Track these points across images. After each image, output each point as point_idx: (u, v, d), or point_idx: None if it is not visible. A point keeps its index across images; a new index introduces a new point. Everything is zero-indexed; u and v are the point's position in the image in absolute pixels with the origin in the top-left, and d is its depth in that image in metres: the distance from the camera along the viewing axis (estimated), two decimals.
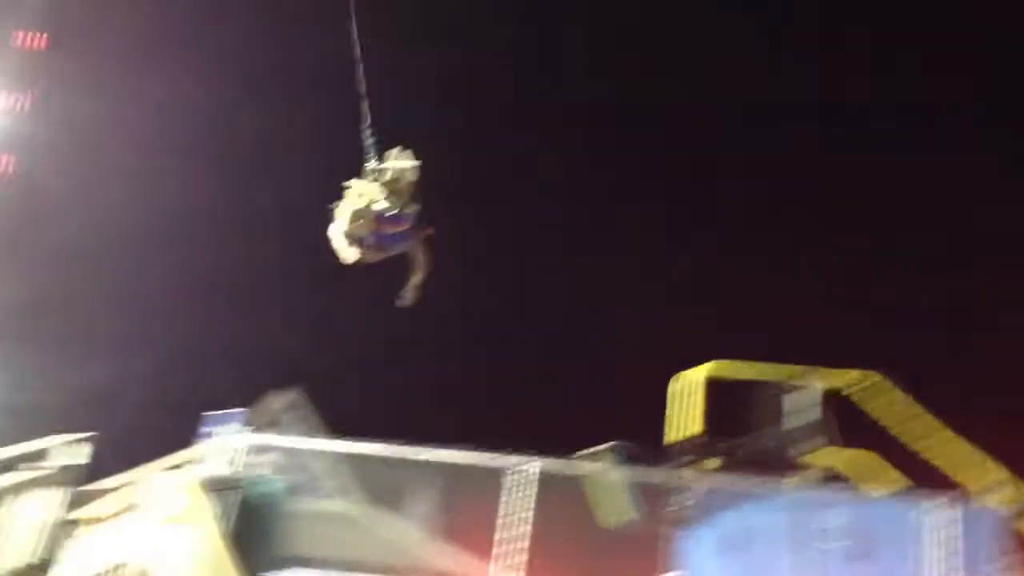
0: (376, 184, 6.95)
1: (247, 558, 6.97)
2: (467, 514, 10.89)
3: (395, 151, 7.18)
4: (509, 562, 9.33)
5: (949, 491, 8.87)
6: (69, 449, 9.66)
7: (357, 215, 6.82)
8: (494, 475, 10.27)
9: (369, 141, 7.27)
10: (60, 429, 9.97)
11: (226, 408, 10.76)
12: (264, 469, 9.82)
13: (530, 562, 9.58)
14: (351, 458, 11.59)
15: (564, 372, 18.47)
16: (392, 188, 7.01)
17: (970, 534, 7.89)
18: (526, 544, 9.54)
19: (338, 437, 11.61)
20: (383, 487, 11.67)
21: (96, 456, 9.95)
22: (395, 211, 6.95)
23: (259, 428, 11.06)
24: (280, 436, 11.12)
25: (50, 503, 9.44)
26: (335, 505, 11.57)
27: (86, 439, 9.78)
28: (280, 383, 12.47)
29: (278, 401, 12.20)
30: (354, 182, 6.96)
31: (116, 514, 7.27)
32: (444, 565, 11.06)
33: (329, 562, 10.39)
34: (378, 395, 17.88)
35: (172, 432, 10.55)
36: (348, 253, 6.86)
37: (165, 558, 6.06)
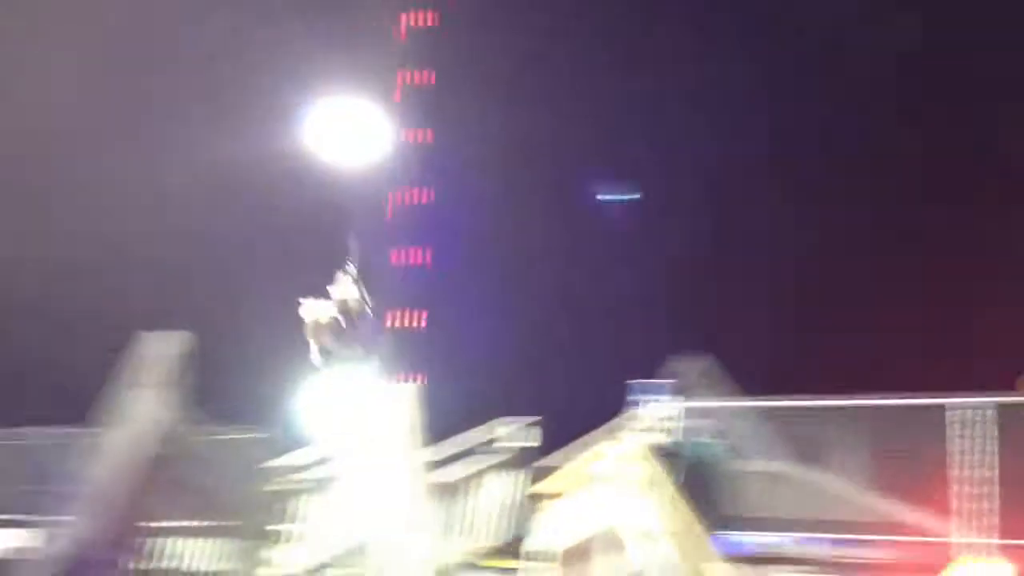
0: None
1: (702, 521, 7.05)
2: (905, 461, 10.46)
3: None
4: (973, 505, 8.84)
5: None
6: (519, 432, 10.31)
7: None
8: (937, 417, 9.77)
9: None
10: (501, 414, 10.66)
11: (646, 378, 11.02)
12: (701, 433, 9.96)
13: (994, 505, 9.02)
14: (778, 415, 11.47)
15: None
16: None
17: None
18: (987, 488, 8.99)
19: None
20: (812, 442, 11.45)
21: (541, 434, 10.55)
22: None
23: (682, 394, 11.23)
24: (708, 400, 11.23)
25: (511, 484, 10.12)
26: (770, 465, 11.49)
27: (534, 422, 10.40)
28: (688, 352, 12.58)
29: (693, 368, 12.32)
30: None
31: (574, 487, 7.61)
32: (892, 515, 10.66)
33: (773, 521, 10.34)
34: (786, 355, 17.62)
35: (600, 405, 10.97)
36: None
37: (632, 523, 6.24)
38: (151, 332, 6.66)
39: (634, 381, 11.25)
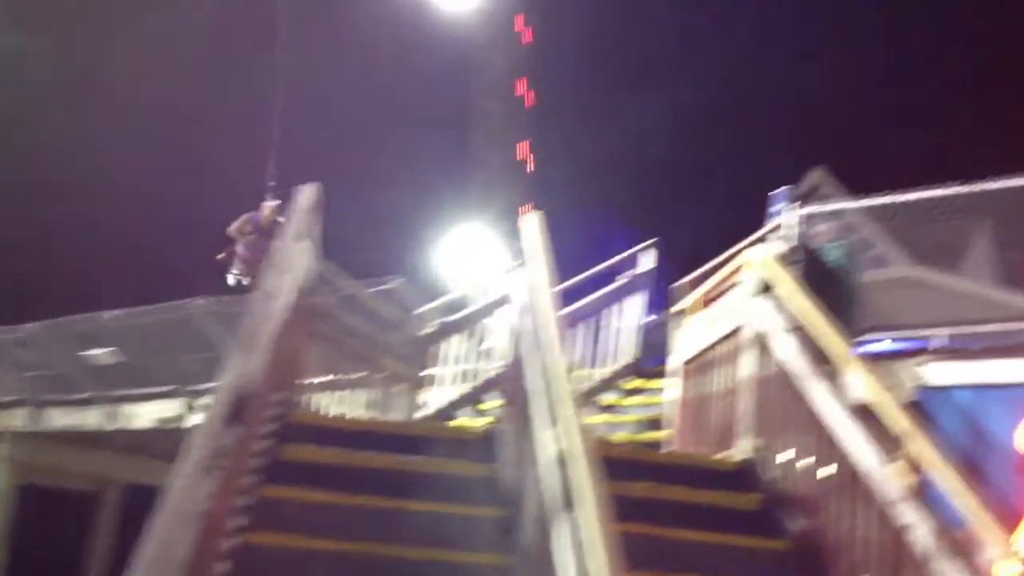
0: None
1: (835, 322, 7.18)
2: None
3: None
4: None
5: None
6: (646, 255, 10.53)
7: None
8: None
9: None
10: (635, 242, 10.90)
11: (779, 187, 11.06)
12: (827, 239, 10.01)
13: None
14: (902, 214, 11.37)
15: None
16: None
17: None
18: None
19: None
20: (937, 239, 11.33)
21: (675, 255, 10.77)
22: None
23: (805, 202, 11.25)
24: (830, 204, 11.22)
25: (640, 305, 10.42)
26: (897, 270, 11.46)
27: (654, 243, 10.60)
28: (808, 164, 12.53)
29: (814, 177, 12.27)
30: None
31: (712, 297, 7.81)
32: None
33: (904, 326, 10.39)
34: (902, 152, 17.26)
35: (736, 223, 11.11)
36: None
37: (767, 323, 6.41)
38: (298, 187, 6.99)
39: (770, 193, 11.32)
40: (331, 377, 8.09)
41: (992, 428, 7.97)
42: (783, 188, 11.06)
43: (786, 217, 10.46)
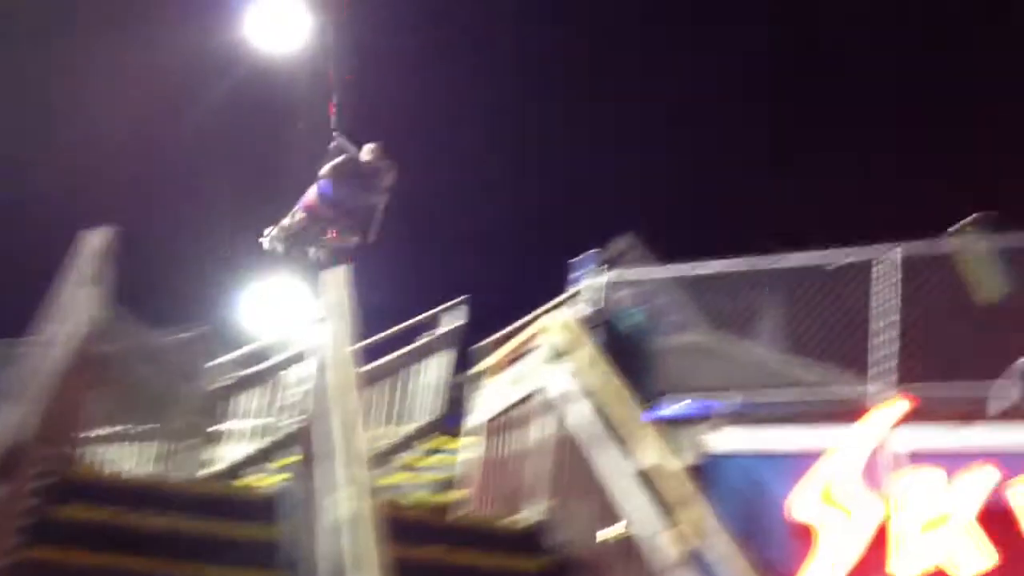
0: None
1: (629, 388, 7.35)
2: (825, 318, 10.84)
3: None
4: (884, 355, 9.26)
5: None
6: (452, 315, 10.57)
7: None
8: (855, 270, 10.10)
9: None
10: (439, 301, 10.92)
11: (581, 254, 11.29)
12: (626, 305, 10.27)
13: (903, 351, 9.41)
14: (699, 283, 11.78)
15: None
16: None
17: None
18: (899, 335, 9.38)
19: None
20: (733, 308, 11.79)
21: (478, 316, 10.83)
22: None
23: (610, 267, 11.53)
24: (633, 269, 11.53)
25: (446, 364, 10.43)
26: (692, 336, 11.85)
27: (461, 302, 10.65)
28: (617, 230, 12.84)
29: (621, 243, 12.61)
30: None
31: (509, 360, 7.89)
32: (816, 376, 11.07)
33: (700, 391, 10.72)
34: (707, 223, 17.95)
35: (540, 286, 11.28)
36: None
37: (561, 389, 6.52)
38: (87, 230, 6.70)
39: (572, 258, 11.53)
40: (116, 429, 7.73)
41: (772, 495, 8.30)
42: (588, 253, 11.32)
43: (589, 282, 10.70)
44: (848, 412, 8.70)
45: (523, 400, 7.05)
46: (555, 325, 7.08)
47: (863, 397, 8.92)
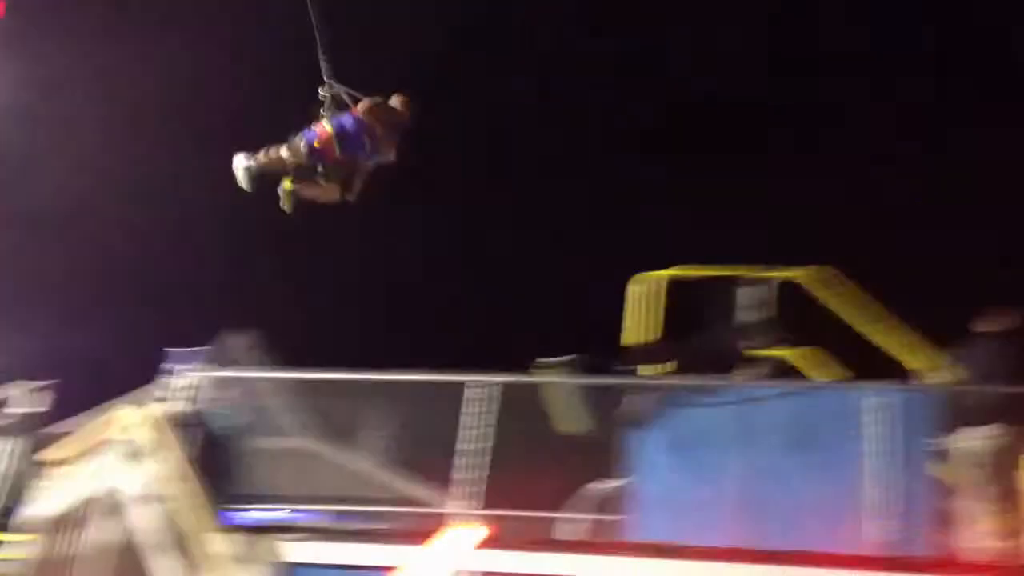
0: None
1: (210, 492, 7.15)
2: (427, 436, 11.10)
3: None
4: (468, 477, 9.55)
5: (890, 379, 9.20)
6: (28, 397, 9.76)
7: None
8: (453, 394, 10.44)
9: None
10: (21, 378, 10.09)
11: (186, 347, 10.86)
12: (223, 404, 9.95)
13: (490, 477, 9.77)
14: (307, 389, 11.73)
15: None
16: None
17: (908, 415, 8.22)
18: (486, 459, 9.74)
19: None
20: (341, 418, 11.82)
21: (60, 400, 10.07)
22: None
23: (219, 365, 11.19)
24: (237, 370, 11.27)
25: (11, 451, 9.57)
26: (293, 441, 11.74)
27: (45, 386, 9.88)
28: (235, 326, 12.60)
29: (235, 341, 12.34)
30: None
31: (82, 453, 7.40)
32: (405, 491, 11.25)
33: (289, 499, 10.56)
34: (329, 331, 18.05)
35: (134, 373, 10.69)
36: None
37: (133, 489, 6.21)
38: None
39: (170, 350, 11.04)
40: None
41: None
42: (194, 348, 10.90)
43: (181, 377, 10.25)
44: (428, 531, 8.86)
45: (91, 498, 6.62)
46: (138, 420, 6.76)
47: (445, 517, 9.12)
